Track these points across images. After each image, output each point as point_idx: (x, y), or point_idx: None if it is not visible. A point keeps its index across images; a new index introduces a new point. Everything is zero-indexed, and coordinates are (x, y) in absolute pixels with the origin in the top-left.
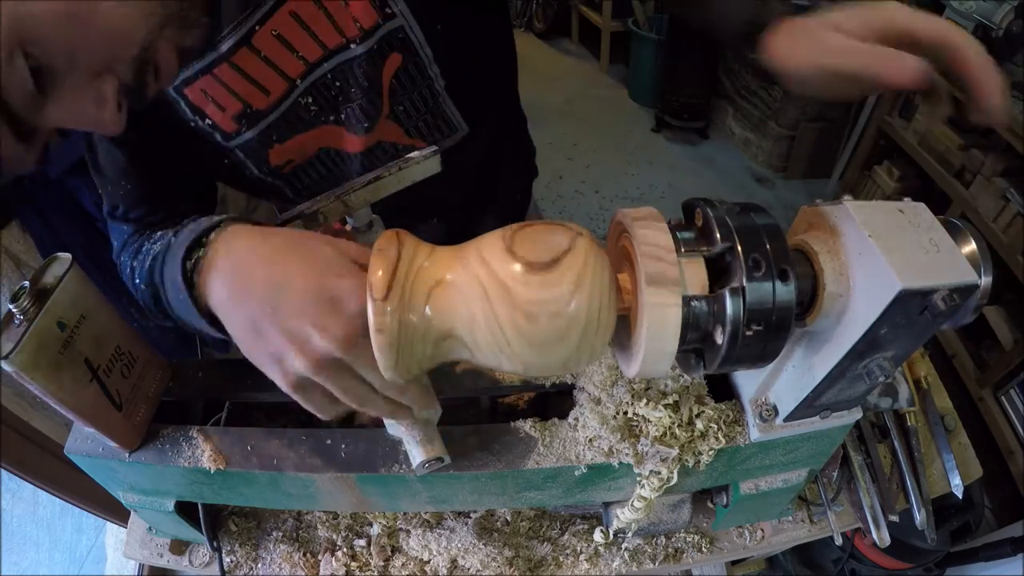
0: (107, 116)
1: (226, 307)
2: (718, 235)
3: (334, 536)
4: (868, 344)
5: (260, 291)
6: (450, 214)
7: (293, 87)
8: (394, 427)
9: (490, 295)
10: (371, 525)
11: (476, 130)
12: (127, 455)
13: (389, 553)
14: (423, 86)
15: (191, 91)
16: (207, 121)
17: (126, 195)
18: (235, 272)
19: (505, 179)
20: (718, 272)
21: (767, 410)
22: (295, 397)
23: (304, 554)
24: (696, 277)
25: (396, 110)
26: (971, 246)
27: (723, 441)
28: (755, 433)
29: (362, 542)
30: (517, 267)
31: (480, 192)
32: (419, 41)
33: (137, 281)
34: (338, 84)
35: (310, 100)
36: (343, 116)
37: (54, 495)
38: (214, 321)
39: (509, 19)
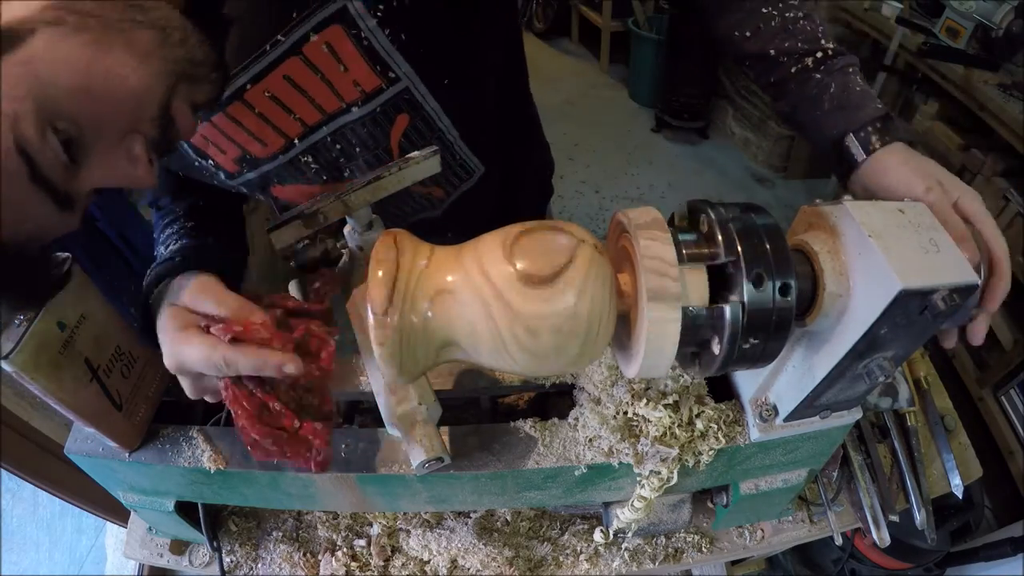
0: (140, 172)
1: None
2: (719, 236)
3: (334, 536)
4: (868, 344)
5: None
6: (466, 233)
7: (291, 145)
8: (394, 427)
9: (491, 308)
10: (371, 525)
11: (493, 167)
12: (127, 455)
13: (389, 553)
14: (433, 139)
15: (194, 136)
16: (209, 161)
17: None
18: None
19: (523, 201)
20: (719, 273)
21: (767, 410)
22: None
23: (304, 554)
24: (697, 286)
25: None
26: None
27: (723, 441)
28: (755, 433)
29: (362, 542)
30: (518, 280)
31: (497, 216)
32: (423, 98)
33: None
34: (339, 146)
35: (310, 159)
36: (346, 173)
37: (54, 495)
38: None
39: (523, 53)
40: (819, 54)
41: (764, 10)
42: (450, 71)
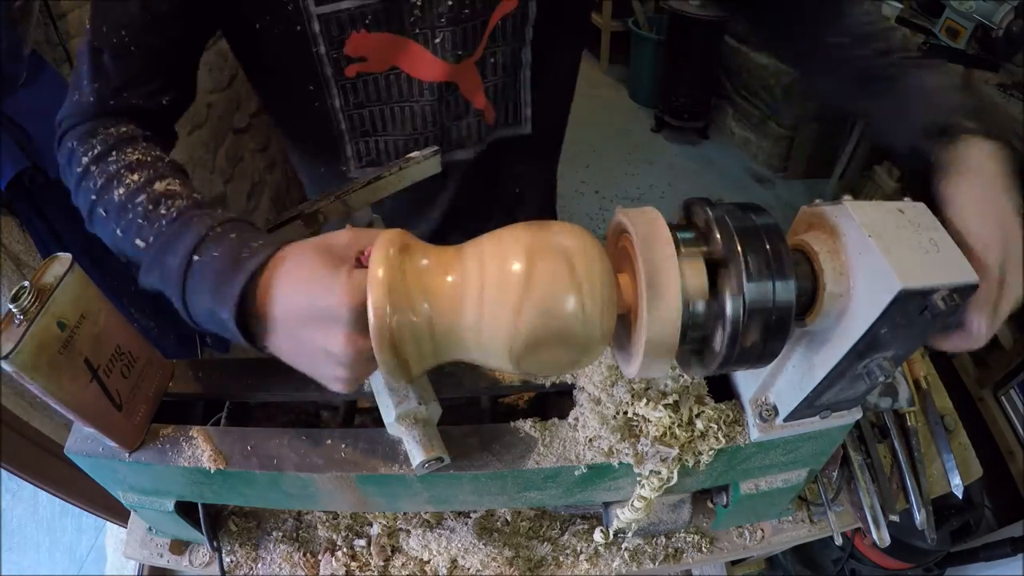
0: None
1: (273, 343)
2: (718, 236)
3: (334, 536)
4: (868, 344)
5: (287, 341)
6: (478, 207)
7: None
8: (394, 427)
9: (490, 299)
10: (371, 525)
11: (532, 134)
12: (127, 455)
13: (389, 553)
14: (514, 51)
15: None
16: None
17: (118, 43)
18: (268, 327)
19: (529, 204)
20: (718, 273)
21: (767, 410)
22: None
23: (304, 554)
24: (696, 280)
25: (487, 59)
26: None
27: (723, 441)
28: (755, 433)
29: (362, 542)
30: (518, 280)
31: (504, 212)
32: (532, 12)
33: (90, 189)
34: (450, 2)
35: (420, 2)
36: (438, 38)
37: (54, 495)
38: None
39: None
40: (907, 52)
41: (862, 18)
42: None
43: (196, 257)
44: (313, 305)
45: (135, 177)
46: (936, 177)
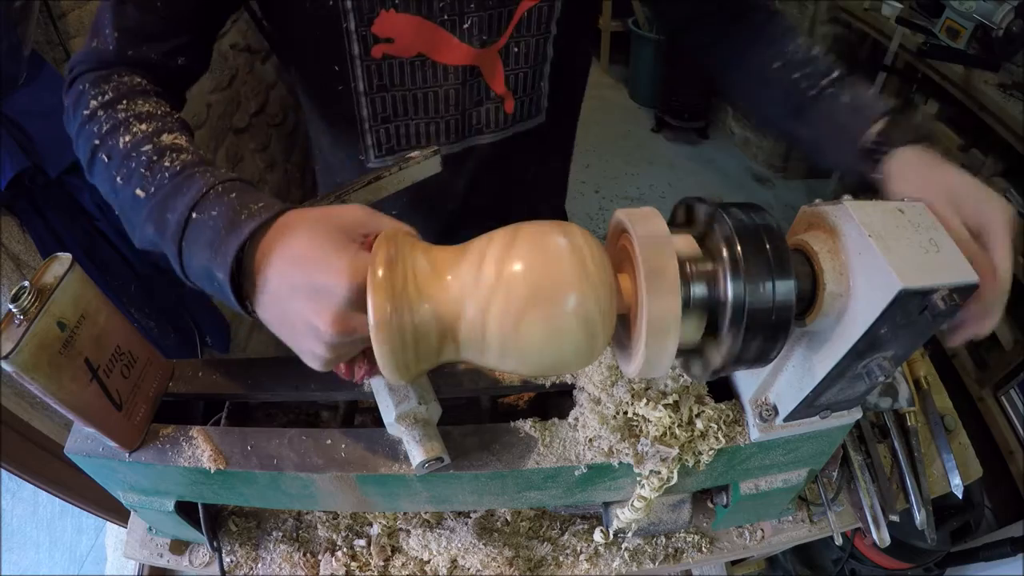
0: None
1: (261, 306)
2: (719, 235)
3: (334, 536)
4: (868, 344)
5: (278, 301)
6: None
7: None
8: (394, 427)
9: (491, 308)
10: (371, 525)
11: (548, 126)
12: (127, 455)
13: (389, 553)
14: (536, 42)
15: None
16: None
17: (147, 2)
18: (258, 289)
19: (541, 198)
20: (718, 273)
21: (767, 410)
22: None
23: (304, 554)
24: (697, 286)
25: (510, 48)
26: None
27: (723, 441)
28: (755, 433)
29: (362, 542)
30: (518, 281)
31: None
32: (559, 8)
33: (94, 133)
34: None
35: None
36: (466, 23)
37: (54, 495)
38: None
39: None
40: (835, 74)
41: (788, 47)
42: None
43: (195, 215)
44: (312, 279)
45: (143, 127)
46: (883, 184)
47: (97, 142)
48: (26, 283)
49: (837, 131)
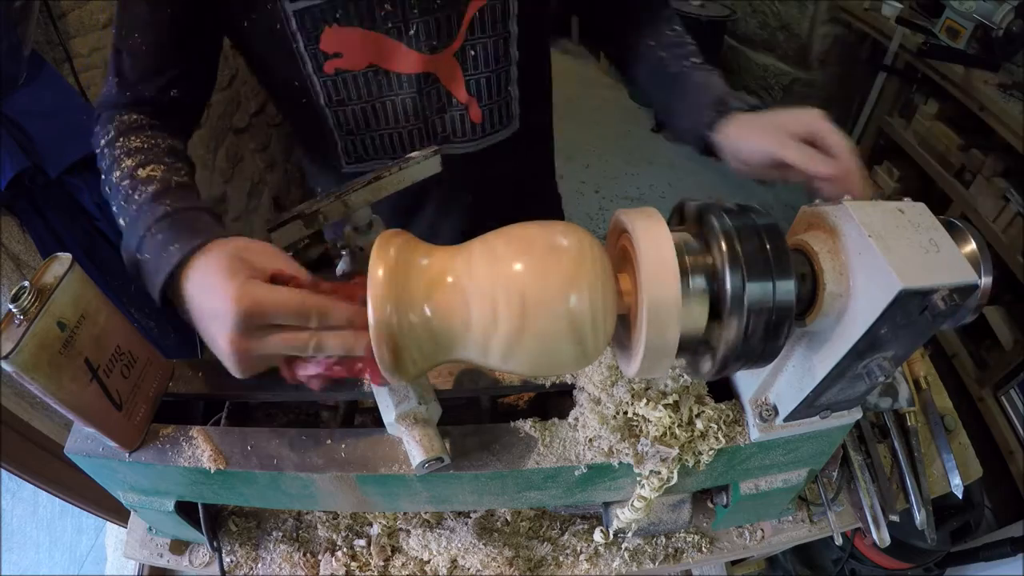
0: None
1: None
2: (719, 235)
3: (334, 536)
4: (868, 344)
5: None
6: (476, 214)
7: None
8: (394, 427)
9: (491, 308)
10: (371, 525)
11: (523, 132)
12: (127, 455)
13: (389, 553)
14: (499, 52)
15: None
16: None
17: (133, 45)
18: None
19: (534, 203)
20: (718, 273)
21: (767, 410)
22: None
23: (304, 554)
24: (697, 286)
25: (467, 51)
26: (971, 246)
27: (723, 441)
28: (755, 433)
29: (362, 542)
30: (518, 281)
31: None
32: (514, 7)
33: (104, 168)
34: None
35: None
36: (412, 30)
37: (54, 495)
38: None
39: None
40: (695, 59)
41: (669, 32)
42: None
43: (138, 256)
44: (210, 304)
45: (129, 162)
46: (719, 140)
47: (103, 176)
48: (26, 283)
49: (688, 100)
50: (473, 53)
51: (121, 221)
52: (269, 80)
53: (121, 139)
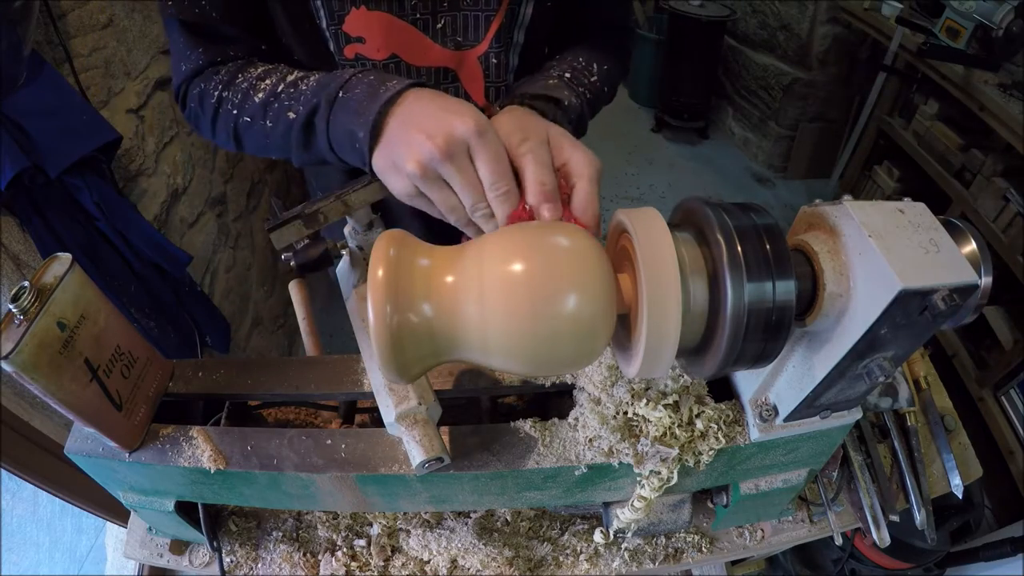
0: None
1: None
2: (718, 236)
3: (334, 536)
4: (868, 344)
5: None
6: None
7: None
8: (394, 427)
9: (490, 299)
10: (371, 525)
11: None
12: (127, 455)
13: (389, 553)
14: (506, 59)
15: None
16: None
17: (205, 17)
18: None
19: None
20: (718, 273)
21: (767, 410)
22: (410, 202)
23: (304, 554)
24: (697, 286)
25: (490, 57)
26: (971, 246)
27: (723, 441)
28: (755, 433)
29: (362, 542)
30: (519, 281)
31: None
32: (524, 15)
33: (232, 110)
34: None
35: None
36: (440, 23)
37: (54, 495)
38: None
39: None
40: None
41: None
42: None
43: (342, 94)
44: (449, 107)
45: (267, 82)
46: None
47: (235, 112)
48: (26, 283)
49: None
50: (495, 61)
51: (290, 114)
52: (289, 56)
53: (240, 75)
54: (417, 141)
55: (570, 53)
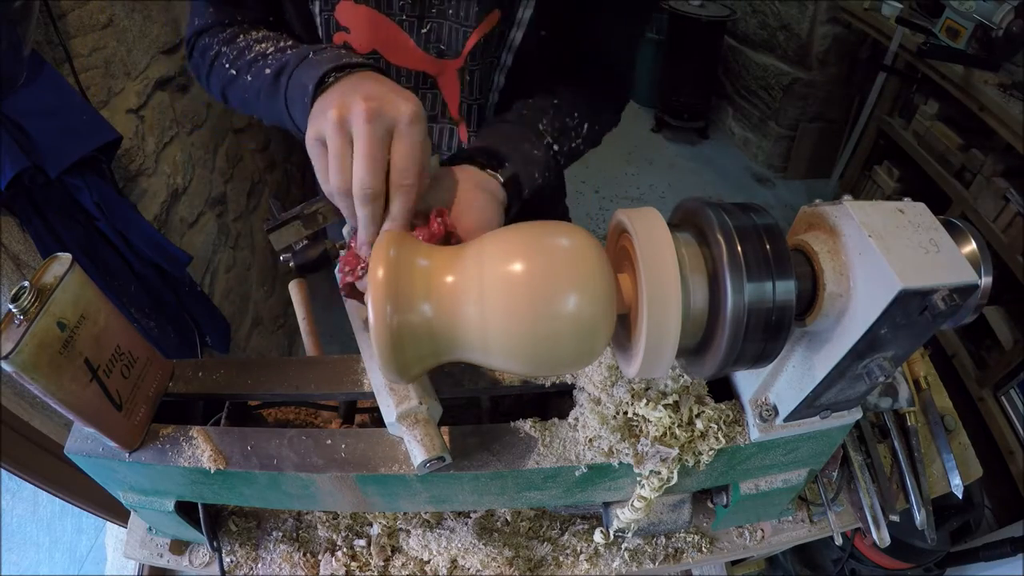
0: None
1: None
2: (718, 236)
3: (334, 536)
4: (868, 344)
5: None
6: None
7: None
8: (395, 427)
9: (490, 299)
10: (371, 525)
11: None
12: (127, 455)
13: (389, 553)
14: (485, 78)
15: None
16: None
17: None
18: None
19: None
20: (718, 273)
21: (767, 410)
22: (310, 151)
23: (304, 554)
24: (697, 286)
25: (465, 71)
26: (971, 246)
27: (723, 441)
28: (755, 433)
29: (362, 542)
30: (519, 281)
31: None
32: (513, 39)
33: (225, 64)
34: None
35: None
36: (425, 28)
37: (54, 495)
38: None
39: None
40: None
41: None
42: (546, 48)
43: (312, 55)
44: (386, 88)
45: (264, 45)
46: None
47: (227, 66)
48: (26, 283)
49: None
50: (469, 78)
51: (267, 71)
52: (291, 34)
53: (241, 36)
54: (352, 99)
55: (566, 101)
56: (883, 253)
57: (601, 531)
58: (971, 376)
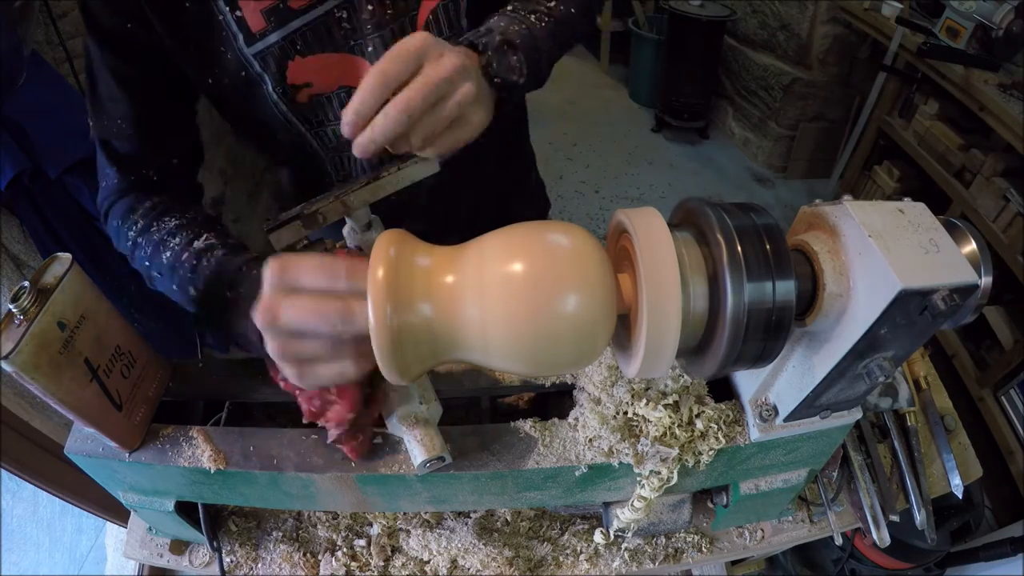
0: None
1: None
2: (718, 236)
3: (334, 536)
4: (868, 344)
5: None
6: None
7: None
8: (396, 427)
9: (490, 299)
10: (371, 525)
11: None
12: (127, 455)
13: (389, 553)
14: (453, 32)
15: None
16: (236, 13)
17: (119, 131)
18: None
19: (516, 212)
20: (718, 273)
21: (767, 410)
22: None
23: (304, 554)
24: (697, 286)
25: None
26: (971, 246)
27: (723, 441)
28: (755, 433)
29: (362, 542)
30: (519, 281)
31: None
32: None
33: (143, 257)
34: (370, 7)
35: (344, 16)
36: (370, 47)
37: (54, 495)
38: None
39: None
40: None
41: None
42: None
43: (229, 294)
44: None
45: (176, 241)
46: None
47: (147, 263)
48: (26, 283)
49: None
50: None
51: (191, 290)
52: (250, 129)
53: (155, 224)
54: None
55: None
56: (883, 253)
57: (601, 531)
58: (971, 376)
